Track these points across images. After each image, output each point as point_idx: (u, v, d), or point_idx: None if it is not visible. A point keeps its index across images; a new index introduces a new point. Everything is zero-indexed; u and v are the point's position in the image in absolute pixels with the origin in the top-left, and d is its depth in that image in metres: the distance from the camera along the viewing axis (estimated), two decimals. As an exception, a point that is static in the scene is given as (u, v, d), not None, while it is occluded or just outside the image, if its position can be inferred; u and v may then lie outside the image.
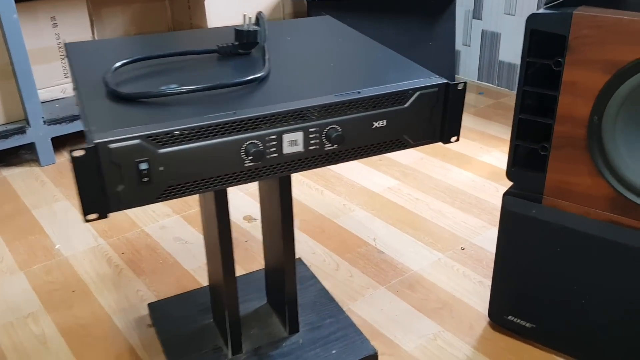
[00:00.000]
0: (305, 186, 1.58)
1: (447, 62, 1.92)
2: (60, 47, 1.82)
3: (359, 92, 0.77)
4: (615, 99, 0.80)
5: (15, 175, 1.67)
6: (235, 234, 1.38)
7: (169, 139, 0.68)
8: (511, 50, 2.21)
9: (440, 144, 1.80)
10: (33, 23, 1.74)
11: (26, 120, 1.66)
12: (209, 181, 0.73)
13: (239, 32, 0.90)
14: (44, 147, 1.70)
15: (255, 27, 0.90)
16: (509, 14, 2.17)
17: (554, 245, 0.91)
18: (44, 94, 1.78)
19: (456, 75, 2.40)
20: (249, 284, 1.15)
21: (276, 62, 0.88)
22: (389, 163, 1.68)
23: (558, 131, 0.86)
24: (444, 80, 0.81)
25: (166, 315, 1.08)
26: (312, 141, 0.76)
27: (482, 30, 2.27)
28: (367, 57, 0.90)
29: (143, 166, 0.68)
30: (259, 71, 0.81)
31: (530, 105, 0.90)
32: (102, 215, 0.68)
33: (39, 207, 1.50)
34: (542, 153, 0.89)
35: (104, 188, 0.67)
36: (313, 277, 1.18)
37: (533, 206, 0.92)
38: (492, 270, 1.21)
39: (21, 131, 1.65)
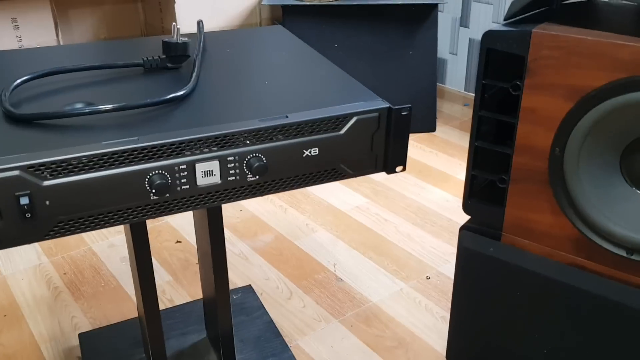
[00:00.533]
0: (267, 202, 1.49)
1: (428, 72, 1.83)
2: (20, 50, 1.73)
3: (286, 117, 0.69)
4: (578, 130, 0.71)
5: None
6: (185, 255, 1.29)
7: (55, 169, 0.59)
8: None
9: (418, 158, 1.71)
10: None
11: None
12: (107, 216, 0.64)
13: (166, 45, 0.81)
14: None
15: (184, 39, 0.81)
16: (497, 22, 2.08)
17: (513, 287, 0.82)
18: None
19: (442, 85, 2.31)
20: (191, 314, 1.07)
21: (207, 78, 0.79)
22: (361, 179, 1.60)
23: (517, 162, 0.77)
24: (386, 105, 0.72)
25: (96, 347, 1.00)
26: (232, 171, 0.67)
27: (470, 39, 2.18)
28: (308, 75, 0.81)
29: (24, 200, 0.59)
30: (179, 89, 0.72)
31: (489, 132, 0.81)
32: (-22, 256, 0.60)
33: (-15, 220, 1.42)
34: (500, 185, 0.80)
35: (-22, 225, 0.59)
36: (261, 307, 1.09)
37: (491, 243, 0.83)
38: (456, 303, 1.12)
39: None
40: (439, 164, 1.68)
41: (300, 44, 0.94)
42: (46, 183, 0.59)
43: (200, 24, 0.93)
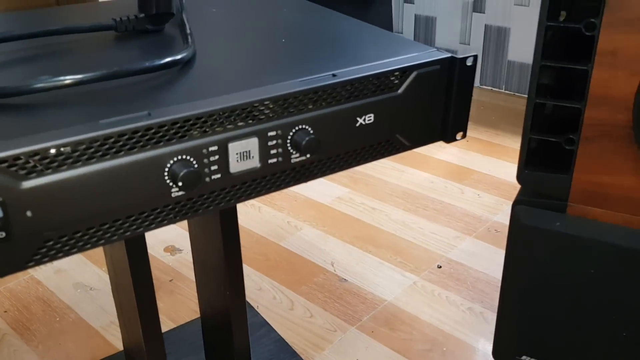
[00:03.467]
0: (238, 203, 1.30)
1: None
2: None
3: (334, 75, 0.52)
4: (668, 71, 0.60)
5: None
6: (154, 272, 1.08)
7: (40, 163, 0.40)
8: (523, 49, 1.88)
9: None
10: None
11: None
12: (114, 226, 0.45)
13: (144, 1, 0.62)
14: None
15: (168, -8, 0.63)
16: (521, 5, 1.82)
17: (586, 265, 0.71)
18: None
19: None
20: (181, 342, 0.87)
21: (202, 41, 0.61)
22: (334, 167, 1.44)
23: (590, 117, 0.65)
24: (448, 54, 0.58)
25: (67, 401, 0.78)
26: (273, 151, 0.50)
27: (486, 26, 1.92)
28: (331, 30, 0.65)
29: (-6, 213, 0.39)
30: (179, 51, 0.54)
31: (549, 87, 0.69)
32: None
33: None
34: (567, 148, 0.68)
35: None
36: (265, 323, 0.91)
37: (556, 217, 0.71)
38: (479, 292, 1.00)
39: None
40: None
41: (300, 1, 0.77)
42: (26, 184, 0.40)
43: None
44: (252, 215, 1.25)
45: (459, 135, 0.63)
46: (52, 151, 0.40)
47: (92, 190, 0.43)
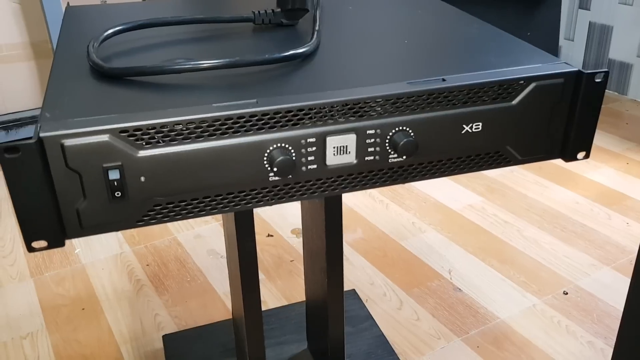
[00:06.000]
0: (366, 196, 1.33)
1: (547, 57, 1.61)
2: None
3: (443, 80, 0.52)
4: None
5: (50, 165, 1.52)
6: (279, 251, 1.15)
7: (155, 136, 0.45)
8: (625, 47, 1.86)
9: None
10: (78, 1, 1.58)
11: (64, 105, 1.51)
12: (215, 200, 0.50)
13: (282, -4, 0.67)
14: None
15: (304, -11, 0.66)
16: (625, 4, 1.82)
17: None
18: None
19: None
20: (288, 320, 0.92)
21: (330, 36, 0.64)
22: (471, 174, 1.41)
23: None
24: (574, 68, 0.54)
25: (182, 353, 0.87)
26: (371, 149, 0.52)
27: (590, 23, 1.93)
28: (457, 33, 0.65)
29: (114, 175, 0.46)
30: (301, 46, 0.57)
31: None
32: (55, 243, 0.47)
33: (67, 203, 1.34)
34: None
35: (57, 204, 0.46)
36: (368, 317, 0.93)
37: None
38: (605, 327, 0.92)
39: (58, 117, 1.49)
40: (562, 161, 1.46)
41: (438, 2, 0.77)
42: (142, 153, 0.46)
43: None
44: (378, 210, 1.27)
45: (580, 155, 0.59)
46: (167, 127, 0.45)
47: (198, 165, 0.47)
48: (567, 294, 1.01)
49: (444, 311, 0.98)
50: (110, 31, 0.60)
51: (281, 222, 1.24)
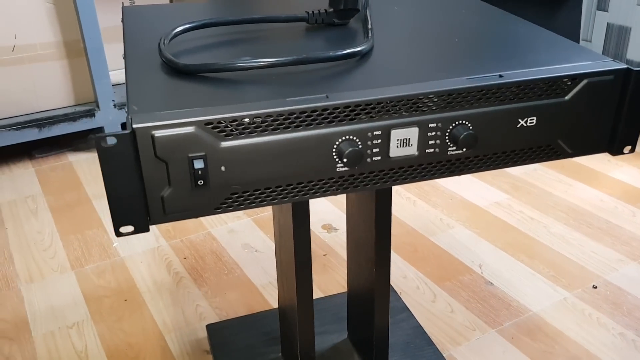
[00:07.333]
0: (394, 193, 1.36)
1: (567, 58, 1.64)
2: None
3: (500, 76, 0.55)
4: None
5: (82, 161, 1.55)
6: (312, 246, 1.18)
7: (236, 128, 0.48)
8: None
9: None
10: (106, 2, 1.62)
11: (96, 102, 1.54)
12: (286, 189, 0.53)
13: (335, -4, 0.70)
14: (114, 133, 1.58)
15: (356, -10, 0.69)
16: None
17: None
18: (116, 76, 1.66)
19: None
20: (326, 311, 0.95)
21: (381, 35, 0.67)
22: (496, 173, 1.43)
23: None
24: (623, 66, 0.57)
25: (227, 342, 0.90)
26: (431, 142, 0.54)
27: (608, 24, 1.95)
28: (505, 32, 0.67)
29: (198, 164, 0.49)
30: (359, 44, 0.60)
31: None
32: (141, 229, 0.50)
33: (101, 198, 1.37)
34: None
35: (144, 192, 0.49)
36: (405, 309, 0.96)
37: None
38: (635, 319, 0.94)
39: (90, 114, 1.53)
40: (585, 159, 1.48)
41: (478, 2, 0.80)
42: (224, 144, 0.49)
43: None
44: (406, 207, 1.30)
45: (626, 149, 0.62)
46: (247, 120, 0.48)
47: (273, 156, 0.50)
48: (596, 287, 1.03)
49: (477, 304, 1.00)
50: (178, 29, 0.63)
51: (312, 218, 1.27)
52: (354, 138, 0.52)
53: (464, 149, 0.55)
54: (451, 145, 0.55)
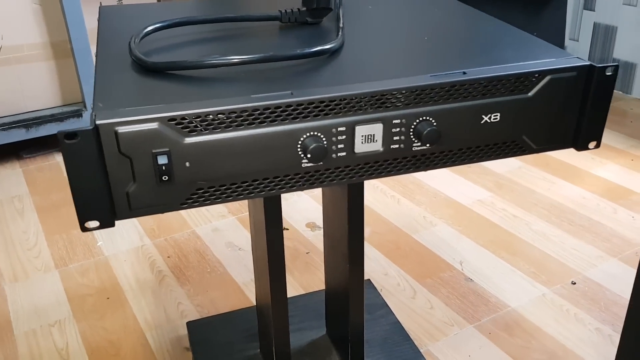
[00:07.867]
0: (378, 192, 1.36)
1: (553, 57, 1.65)
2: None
3: (464, 73, 0.56)
4: None
5: (69, 162, 1.55)
6: (294, 244, 1.19)
7: (200, 124, 0.49)
8: (629, 47, 1.90)
9: (541, 151, 1.53)
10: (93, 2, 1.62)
11: (83, 103, 1.55)
12: (252, 185, 0.53)
13: (307, -5, 0.71)
14: (101, 133, 1.59)
15: (328, -11, 0.70)
16: (629, 5, 1.85)
17: None
18: (104, 77, 1.66)
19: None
20: (307, 308, 0.96)
21: (353, 34, 0.68)
22: (480, 171, 1.44)
23: None
24: (586, 62, 0.58)
25: (207, 338, 0.91)
26: (396, 137, 0.55)
27: (595, 23, 1.97)
28: (474, 30, 0.68)
29: (162, 160, 0.49)
30: (329, 42, 0.61)
31: None
32: (106, 224, 0.51)
33: (87, 198, 1.37)
34: None
35: (109, 187, 0.49)
36: (384, 305, 0.96)
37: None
38: (612, 314, 0.95)
39: (77, 114, 1.54)
40: (566, 157, 1.50)
41: (452, 2, 0.81)
42: (187, 140, 0.49)
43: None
44: (390, 205, 1.31)
45: (591, 145, 0.63)
46: (210, 116, 0.49)
47: (238, 151, 0.51)
48: (575, 283, 1.04)
49: (456, 300, 1.01)
50: (149, 28, 0.64)
51: (296, 216, 1.28)
52: (319, 134, 0.53)
53: (428, 145, 0.56)
54: (415, 141, 0.56)
